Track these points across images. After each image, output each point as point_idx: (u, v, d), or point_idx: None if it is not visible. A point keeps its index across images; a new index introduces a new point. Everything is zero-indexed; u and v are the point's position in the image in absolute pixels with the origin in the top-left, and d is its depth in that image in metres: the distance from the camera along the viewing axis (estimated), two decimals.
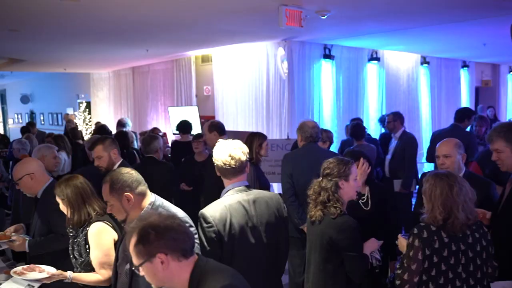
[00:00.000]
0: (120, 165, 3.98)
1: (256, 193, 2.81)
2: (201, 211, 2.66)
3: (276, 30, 6.76)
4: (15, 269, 2.97)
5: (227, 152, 2.71)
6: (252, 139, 4.66)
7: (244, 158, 2.74)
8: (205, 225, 2.59)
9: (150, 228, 1.82)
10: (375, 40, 8.37)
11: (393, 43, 8.88)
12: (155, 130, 8.82)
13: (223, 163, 2.71)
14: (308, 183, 3.08)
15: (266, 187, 4.66)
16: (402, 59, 10.26)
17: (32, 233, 3.50)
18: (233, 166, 2.70)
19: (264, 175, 4.92)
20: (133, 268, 1.86)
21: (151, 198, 2.52)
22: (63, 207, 3.00)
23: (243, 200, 2.71)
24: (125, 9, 4.99)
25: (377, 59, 9.42)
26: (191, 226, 2.47)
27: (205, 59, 9.96)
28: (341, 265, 2.84)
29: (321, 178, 2.93)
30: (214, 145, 5.08)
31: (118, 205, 2.44)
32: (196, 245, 2.42)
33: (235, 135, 5.35)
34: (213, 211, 2.62)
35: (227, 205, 2.65)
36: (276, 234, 2.81)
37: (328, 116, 8.58)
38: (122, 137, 6.92)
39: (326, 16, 5.57)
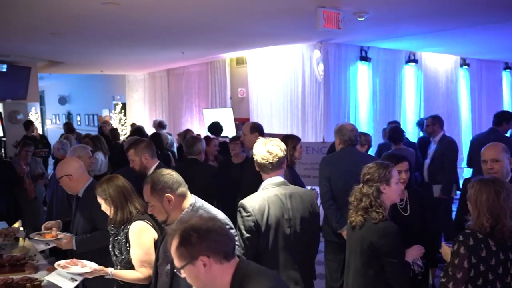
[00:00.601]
0: (157, 168, 3.99)
1: (292, 188, 3.00)
2: (241, 201, 2.84)
3: (312, 32, 6.72)
4: (59, 262, 3.03)
5: (265, 148, 2.92)
6: (286, 141, 4.63)
7: (281, 154, 2.92)
8: (244, 214, 2.78)
9: (192, 231, 1.81)
10: (412, 42, 8.21)
11: (432, 44, 8.69)
12: (188, 131, 8.90)
13: (262, 158, 2.91)
14: (347, 187, 3.10)
15: None
16: (440, 61, 10.03)
17: (74, 231, 3.57)
18: (271, 161, 2.89)
19: (300, 177, 4.90)
20: (175, 270, 1.85)
21: (192, 199, 2.52)
22: (105, 207, 3.04)
23: (280, 194, 2.89)
24: (163, 12, 5.04)
25: (415, 61, 9.24)
26: (231, 228, 2.46)
27: (240, 61, 9.99)
28: (381, 271, 2.78)
29: (361, 184, 2.88)
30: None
31: (159, 206, 2.45)
32: (237, 247, 2.42)
33: (270, 137, 5.37)
34: (252, 202, 2.81)
35: (266, 197, 2.84)
36: (309, 227, 2.96)
37: (364, 119, 8.46)
38: (156, 139, 7.03)
39: (364, 18, 5.50)
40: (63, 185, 3.65)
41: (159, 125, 9.47)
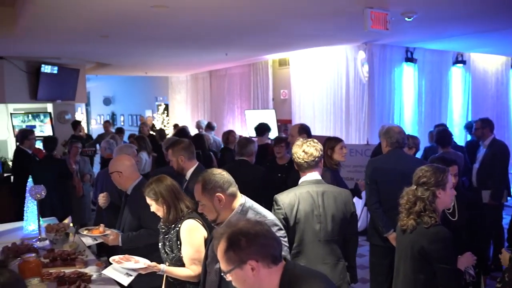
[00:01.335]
0: (195, 169, 4.09)
1: (326, 186, 3.16)
2: (275, 195, 3.11)
3: (357, 33, 6.65)
4: (113, 257, 3.11)
5: (302, 148, 3.13)
6: (324, 143, 4.66)
7: (316, 154, 3.11)
8: (275, 207, 3.07)
9: (241, 235, 1.81)
10: (460, 42, 7.98)
11: (481, 45, 8.43)
12: (231, 132, 8.96)
13: (298, 157, 3.14)
14: (394, 190, 3.06)
15: None
16: (490, 62, 9.71)
17: (121, 227, 3.67)
18: (306, 160, 3.11)
19: (344, 180, 4.84)
20: (222, 274, 1.86)
21: (242, 199, 2.54)
22: (157, 208, 3.08)
23: (312, 191, 3.08)
24: (210, 14, 5.09)
25: (463, 62, 8.98)
26: (280, 229, 2.47)
27: (282, 63, 9.99)
28: (432, 277, 2.71)
29: (415, 187, 2.81)
30: None
31: (210, 205, 2.48)
32: (285, 248, 2.42)
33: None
34: (284, 196, 3.07)
35: (297, 193, 3.07)
36: (342, 225, 3.10)
37: (409, 121, 8.29)
38: (198, 140, 7.13)
39: (412, 18, 5.38)
40: (113, 180, 3.77)
41: (208, 126, 9.65)
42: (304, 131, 5.21)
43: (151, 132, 12.47)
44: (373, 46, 7.69)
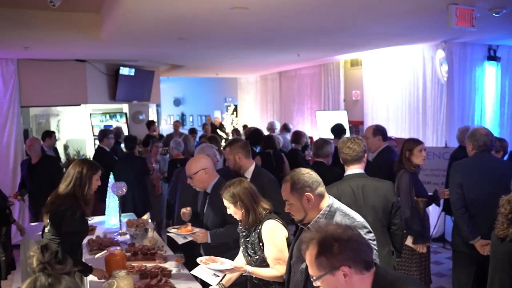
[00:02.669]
0: (256, 169, 4.12)
1: (367, 180, 3.41)
2: None
3: (437, 31, 6.40)
4: (200, 258, 3.19)
5: (347, 144, 3.40)
6: (403, 144, 4.53)
7: (359, 149, 3.38)
8: None
9: (333, 240, 1.77)
10: None
11: None
12: (301, 133, 8.92)
13: (343, 152, 3.42)
14: (481, 194, 2.93)
15: (423, 195, 4.40)
16: None
17: (204, 225, 3.74)
18: (350, 155, 3.39)
19: (422, 183, 4.66)
20: (312, 280, 1.82)
21: (329, 200, 2.51)
22: (235, 211, 3.11)
23: (353, 185, 3.34)
24: (288, 15, 5.07)
25: None
26: (369, 231, 2.41)
27: (354, 63, 9.81)
28: None
29: None
30: (377, 149, 4.96)
31: (298, 204, 2.46)
32: (374, 251, 2.35)
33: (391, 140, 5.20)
34: (328, 190, 3.16)
35: (339, 188, 3.33)
36: (384, 216, 3.35)
37: (490, 123, 7.84)
38: (268, 140, 7.15)
39: (500, 14, 5.08)
40: (196, 180, 3.79)
41: (283, 127, 9.70)
42: (379, 132, 5.09)
43: (220, 133, 12.73)
44: (452, 45, 7.36)
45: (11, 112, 8.39)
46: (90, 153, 10.98)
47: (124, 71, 9.53)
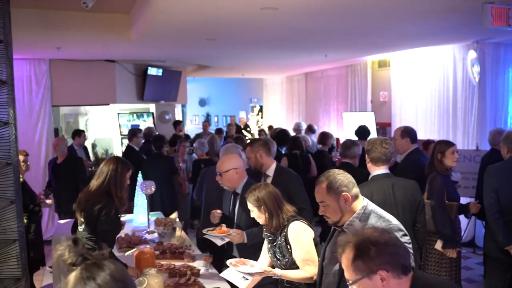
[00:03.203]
0: (278, 168, 4.12)
1: (395, 179, 3.54)
2: None
3: (469, 31, 6.28)
4: (230, 260, 3.18)
5: (382, 145, 3.51)
6: (435, 146, 4.46)
7: (392, 150, 3.54)
8: None
9: (370, 243, 1.74)
10: None
11: None
12: (328, 134, 8.87)
13: (379, 152, 3.51)
14: None
15: (455, 199, 4.32)
16: None
17: (236, 225, 3.73)
18: (385, 155, 3.50)
19: (455, 186, 4.57)
20: (348, 284, 1.80)
21: (363, 202, 2.47)
22: (258, 215, 3.11)
23: (383, 184, 3.45)
24: (318, 15, 5.04)
25: None
26: (405, 234, 2.36)
27: (382, 64, 9.70)
28: None
29: None
30: (404, 151, 4.88)
31: (335, 205, 2.43)
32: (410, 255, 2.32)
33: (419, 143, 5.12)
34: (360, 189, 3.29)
35: (371, 186, 3.41)
36: (411, 214, 3.43)
37: None
38: (295, 141, 7.12)
39: None
40: (226, 179, 3.77)
41: (308, 128, 9.68)
42: (407, 134, 5.01)
43: (245, 133, 12.75)
44: (485, 45, 7.20)
45: (43, 111, 8.58)
46: (116, 152, 11.15)
47: (152, 71, 9.64)
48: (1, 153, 2.75)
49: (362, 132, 6.81)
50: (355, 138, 7.00)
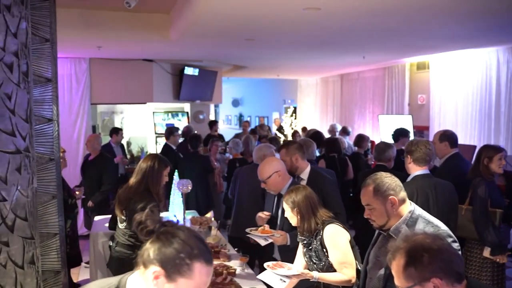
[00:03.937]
0: (312, 171, 4.04)
1: (435, 180, 3.63)
2: None
3: None
4: (267, 263, 3.18)
5: (426, 146, 3.60)
6: (481, 151, 4.31)
7: (430, 152, 3.61)
8: None
9: (423, 250, 1.70)
10: None
11: None
12: (364, 137, 8.75)
13: (424, 152, 3.59)
14: None
15: (499, 205, 4.17)
16: None
17: (280, 227, 3.69)
18: (428, 155, 3.59)
19: (499, 192, 4.42)
20: None
21: (410, 207, 2.42)
22: (291, 215, 3.12)
23: (426, 184, 3.53)
24: (360, 15, 4.97)
25: None
26: (454, 241, 2.29)
27: (421, 66, 9.50)
28: None
29: None
30: (444, 156, 4.76)
31: (381, 208, 2.39)
32: None
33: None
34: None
35: (415, 187, 3.48)
36: (448, 214, 3.50)
37: None
38: (333, 143, 7.05)
39: None
40: (270, 184, 3.71)
41: (342, 130, 9.63)
42: (446, 138, 4.83)
43: (278, 134, 12.71)
44: None
45: (82, 108, 8.78)
46: (151, 150, 11.28)
47: (188, 71, 9.71)
48: (45, 149, 2.80)
49: (400, 134, 6.67)
50: (391, 141, 6.88)
